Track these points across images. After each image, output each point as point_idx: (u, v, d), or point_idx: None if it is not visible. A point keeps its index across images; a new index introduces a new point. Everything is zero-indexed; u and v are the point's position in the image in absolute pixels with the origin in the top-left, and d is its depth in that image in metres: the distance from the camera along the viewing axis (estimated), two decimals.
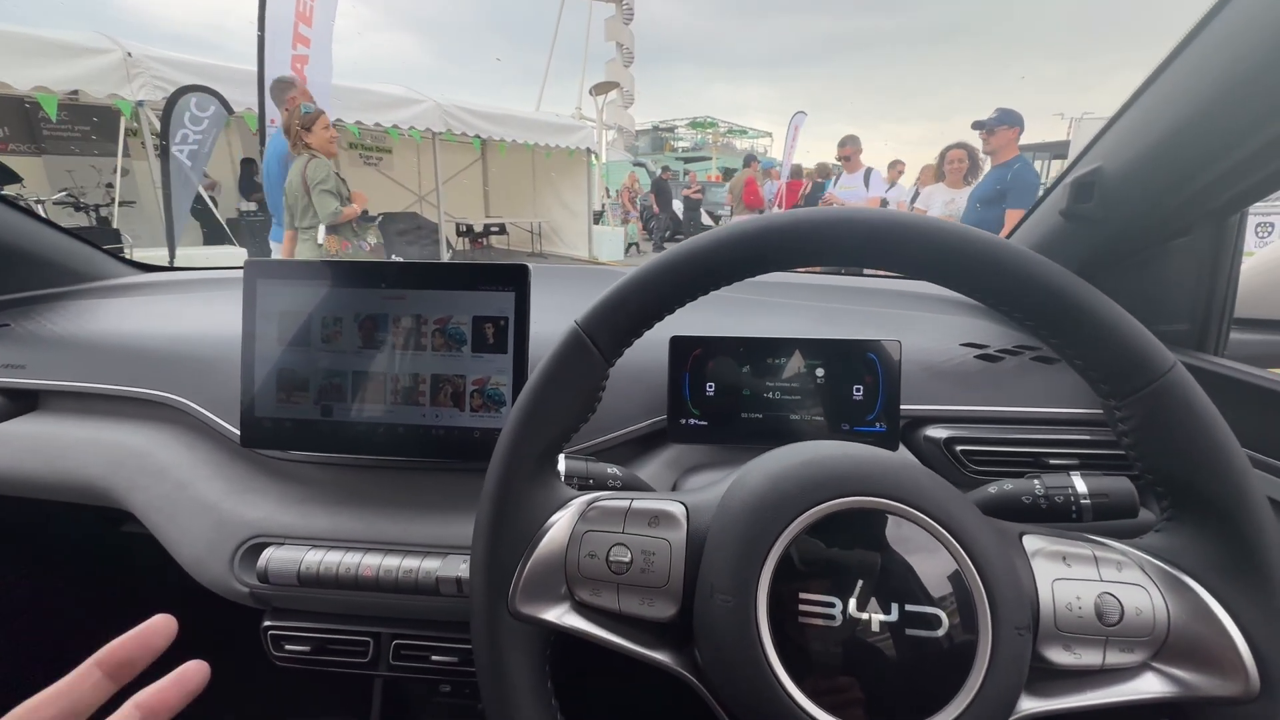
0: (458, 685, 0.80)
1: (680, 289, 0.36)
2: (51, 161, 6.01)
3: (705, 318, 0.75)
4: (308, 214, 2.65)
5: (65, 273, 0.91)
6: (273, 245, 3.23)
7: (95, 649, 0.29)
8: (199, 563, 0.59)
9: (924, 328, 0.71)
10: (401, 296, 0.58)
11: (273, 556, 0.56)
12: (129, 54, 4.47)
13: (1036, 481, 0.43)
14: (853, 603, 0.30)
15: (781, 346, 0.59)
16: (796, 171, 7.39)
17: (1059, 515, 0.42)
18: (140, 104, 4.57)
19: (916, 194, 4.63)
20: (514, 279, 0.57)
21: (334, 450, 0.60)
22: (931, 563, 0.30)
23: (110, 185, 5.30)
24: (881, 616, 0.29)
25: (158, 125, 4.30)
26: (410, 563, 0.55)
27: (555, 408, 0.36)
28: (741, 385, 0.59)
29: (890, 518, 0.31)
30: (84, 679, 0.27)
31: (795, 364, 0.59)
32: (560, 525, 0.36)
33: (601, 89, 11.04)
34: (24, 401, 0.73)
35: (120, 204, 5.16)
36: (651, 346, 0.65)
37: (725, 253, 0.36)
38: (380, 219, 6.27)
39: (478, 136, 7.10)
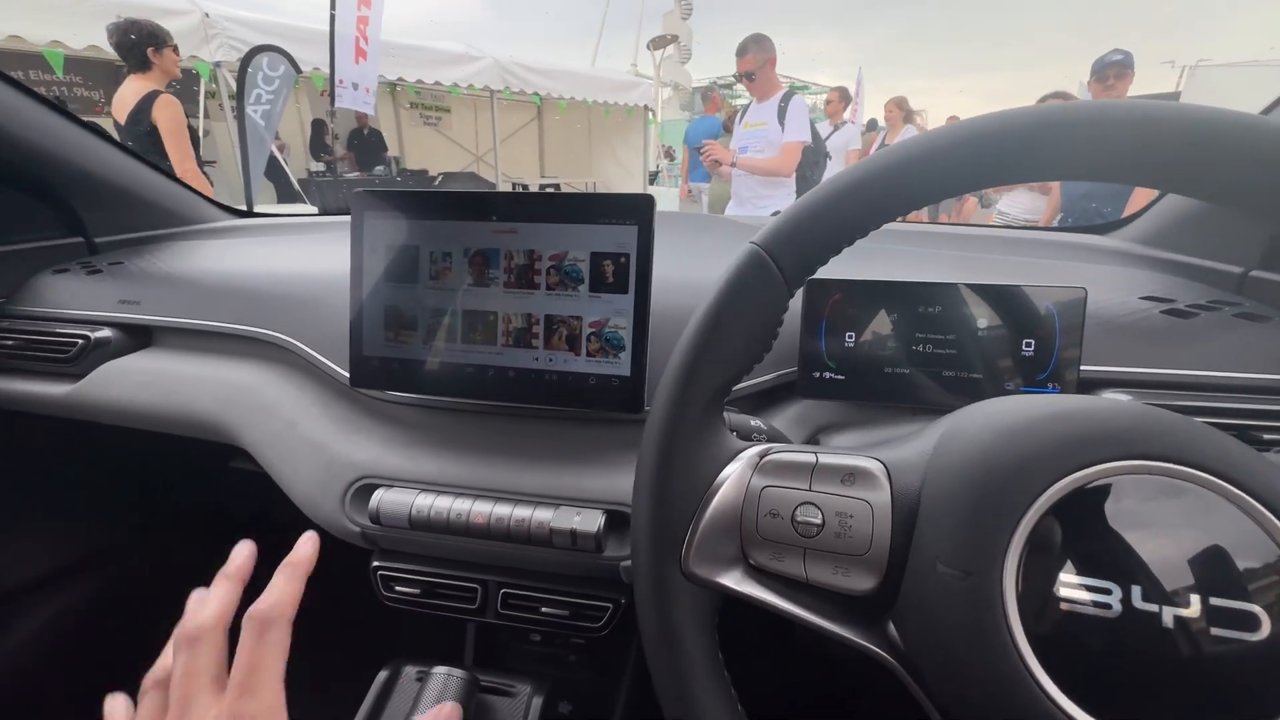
0: (547, 636, 0.79)
1: (885, 202, 0.30)
2: None
3: (830, 266, 0.68)
4: None
5: (170, 215, 0.92)
6: (696, 186, 4.88)
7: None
8: (311, 501, 0.59)
9: (1090, 279, 0.62)
10: (513, 230, 0.54)
11: (384, 499, 0.55)
12: (206, 14, 4.59)
13: None
14: (1135, 590, 0.24)
15: (937, 293, 0.51)
16: (871, 125, 6.96)
17: None
18: (218, 65, 4.71)
19: None
20: (638, 211, 0.51)
21: (442, 393, 0.58)
22: (1246, 549, 0.24)
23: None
24: (1176, 610, 0.23)
25: (234, 86, 4.43)
26: (521, 512, 0.53)
27: (731, 340, 0.31)
28: (886, 336, 0.52)
29: (1188, 487, 0.24)
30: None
31: (952, 314, 0.51)
32: (734, 479, 0.31)
33: (659, 43, 10.61)
34: (140, 337, 0.75)
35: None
36: None
37: (945, 159, 0.29)
38: (440, 179, 6.35)
39: (536, 94, 7.00)
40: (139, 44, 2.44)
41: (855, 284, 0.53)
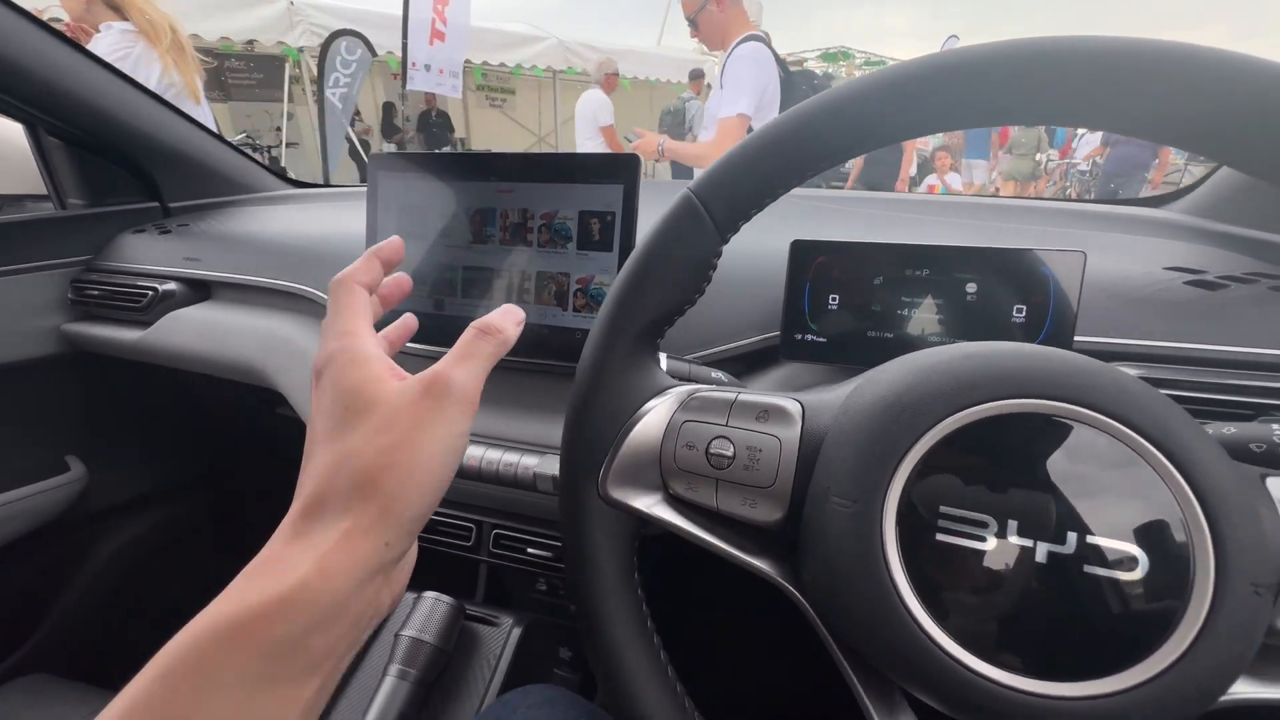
0: (553, 585, 0.83)
1: (820, 150, 0.30)
2: (235, 107, 6.85)
3: (822, 229, 0.67)
4: None
5: (233, 184, 1.01)
6: None
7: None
8: None
9: (1108, 248, 0.58)
10: (511, 190, 0.57)
11: None
12: (291, 2, 4.88)
13: (1277, 426, 0.33)
14: (1012, 524, 0.24)
15: (925, 255, 0.50)
16: None
17: None
18: (300, 50, 5.02)
19: None
20: (623, 171, 0.53)
21: (443, 344, 0.62)
22: (1133, 489, 0.23)
23: (279, 128, 5.95)
24: (1051, 546, 0.23)
25: (314, 70, 4.72)
26: (510, 457, 0.56)
27: (660, 280, 0.33)
28: (871, 299, 0.52)
29: (1079, 428, 0.24)
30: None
31: (941, 277, 0.50)
32: (658, 411, 0.33)
33: None
34: (200, 291, 0.84)
35: (287, 145, 5.80)
36: (768, 255, 0.58)
37: (880, 102, 0.29)
38: None
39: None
40: None
41: (840, 245, 0.52)
